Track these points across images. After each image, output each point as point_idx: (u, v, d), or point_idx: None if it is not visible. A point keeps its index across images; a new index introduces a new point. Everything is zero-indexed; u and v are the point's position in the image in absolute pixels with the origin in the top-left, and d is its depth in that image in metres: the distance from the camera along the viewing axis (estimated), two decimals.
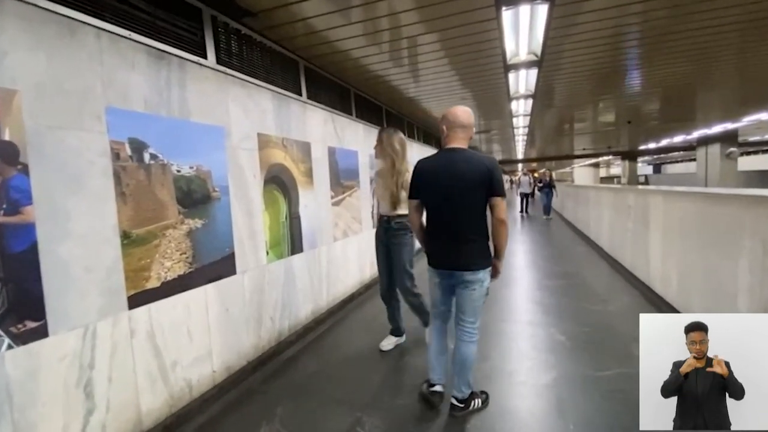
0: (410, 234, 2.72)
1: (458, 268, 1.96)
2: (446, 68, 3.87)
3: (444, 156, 1.97)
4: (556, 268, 5.18)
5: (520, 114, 6.45)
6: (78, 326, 1.63)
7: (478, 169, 1.88)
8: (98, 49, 1.74)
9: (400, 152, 2.68)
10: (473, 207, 1.91)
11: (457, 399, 2.07)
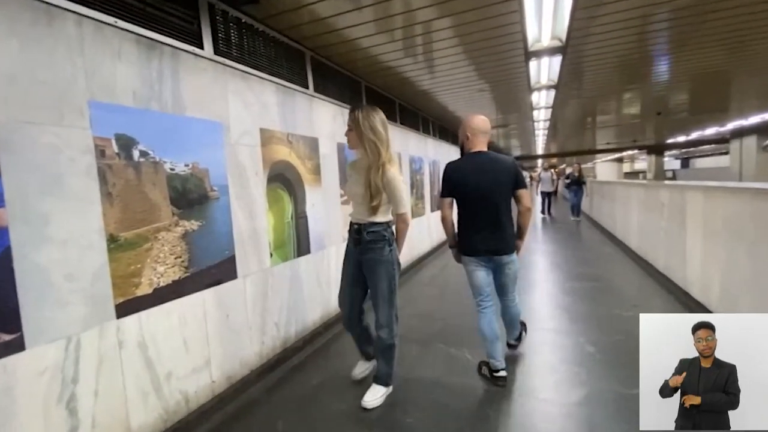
0: (391, 248, 2.09)
1: (498, 253, 2.30)
2: (462, 57, 3.63)
3: (475, 158, 2.30)
4: (581, 270, 4.88)
5: (541, 106, 6.13)
6: (59, 338, 1.50)
7: (505, 168, 2.27)
8: (79, 37, 1.60)
9: (384, 137, 2.01)
10: (506, 200, 2.30)
11: (514, 340, 2.71)
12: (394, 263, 2.12)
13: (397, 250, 2.14)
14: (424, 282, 4.85)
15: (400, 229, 2.15)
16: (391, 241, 2.10)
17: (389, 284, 2.10)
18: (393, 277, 2.11)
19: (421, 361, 2.67)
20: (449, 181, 2.35)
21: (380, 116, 2.06)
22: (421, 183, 6.06)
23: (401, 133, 5.25)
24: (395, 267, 2.13)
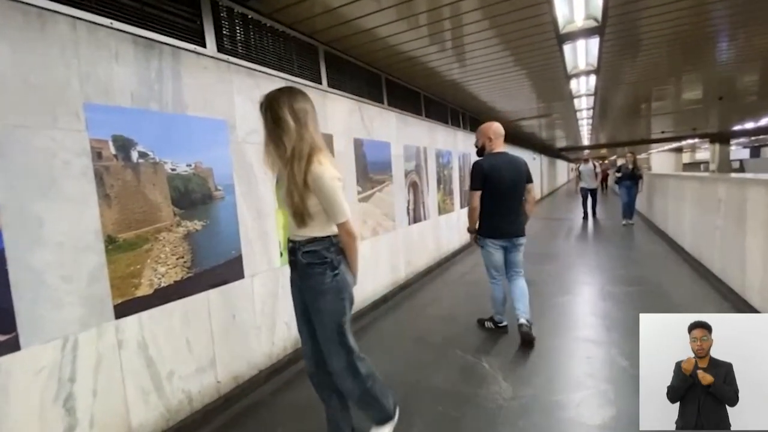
0: (336, 273, 1.53)
1: (515, 235, 2.80)
2: (492, 43, 3.36)
3: (501, 157, 2.79)
4: (624, 272, 4.47)
5: (581, 94, 5.67)
6: (55, 338, 1.53)
7: (521, 166, 2.81)
8: (74, 40, 1.61)
9: (290, 126, 1.44)
10: (521, 192, 2.80)
11: (527, 320, 2.76)
12: (341, 292, 1.54)
13: (346, 275, 1.57)
14: (451, 280, 4.67)
15: (346, 245, 1.54)
16: (336, 264, 1.53)
17: (335, 321, 1.55)
18: (340, 312, 1.55)
19: (436, 368, 2.52)
20: (483, 175, 2.74)
21: (290, 101, 1.47)
22: (449, 178, 5.84)
23: (428, 127, 5.07)
24: (343, 298, 1.55)
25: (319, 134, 1.53)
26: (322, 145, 1.52)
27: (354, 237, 1.54)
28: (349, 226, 1.52)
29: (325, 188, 1.44)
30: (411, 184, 4.53)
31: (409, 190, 4.49)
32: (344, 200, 1.47)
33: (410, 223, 4.52)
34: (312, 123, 1.50)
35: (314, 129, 1.51)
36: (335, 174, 1.47)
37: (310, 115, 1.50)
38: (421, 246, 4.85)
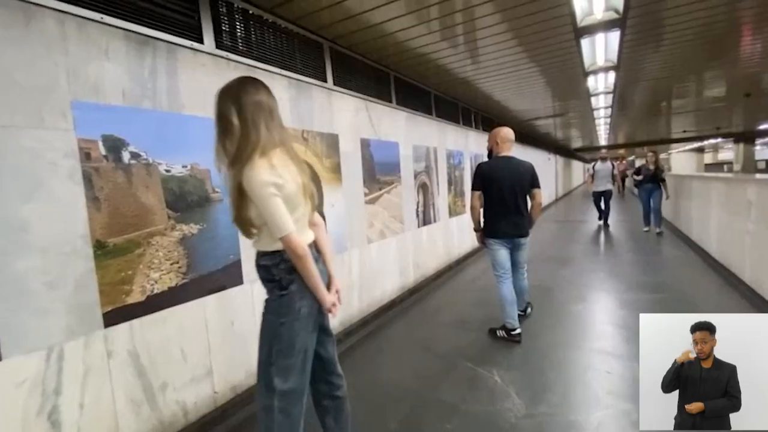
0: (283, 294, 1.33)
1: (519, 236, 2.89)
2: (505, 38, 3.20)
3: (503, 161, 2.89)
4: (644, 278, 4.25)
5: (599, 92, 5.46)
6: (39, 348, 1.45)
7: (526, 170, 2.87)
8: (61, 36, 1.53)
9: (233, 124, 1.27)
10: (525, 194, 2.87)
11: (520, 309, 3.09)
12: (280, 316, 1.32)
13: (297, 300, 1.32)
14: (462, 286, 4.52)
15: (294, 264, 1.31)
16: (285, 284, 1.32)
17: (265, 349, 1.35)
18: (273, 339, 1.33)
19: (444, 380, 2.39)
20: (482, 177, 2.89)
21: (238, 94, 1.29)
22: (461, 179, 5.68)
23: (438, 127, 4.93)
24: (282, 323, 1.32)
25: (277, 130, 1.32)
26: (277, 144, 1.30)
27: (300, 255, 1.28)
28: (290, 243, 1.25)
29: (255, 196, 1.23)
30: (420, 185, 4.40)
31: (419, 191, 4.36)
32: (280, 211, 1.23)
33: (419, 225, 4.39)
34: (265, 119, 1.29)
35: (269, 125, 1.30)
36: (267, 179, 1.21)
37: (263, 109, 1.29)
38: (431, 249, 4.71)
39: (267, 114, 1.31)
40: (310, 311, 1.36)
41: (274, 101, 1.36)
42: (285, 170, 1.28)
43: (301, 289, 1.34)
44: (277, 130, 1.33)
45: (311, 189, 1.40)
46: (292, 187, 1.28)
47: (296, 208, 1.32)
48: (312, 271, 1.32)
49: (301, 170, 1.36)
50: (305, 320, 1.35)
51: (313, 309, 1.37)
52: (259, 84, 1.35)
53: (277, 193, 1.23)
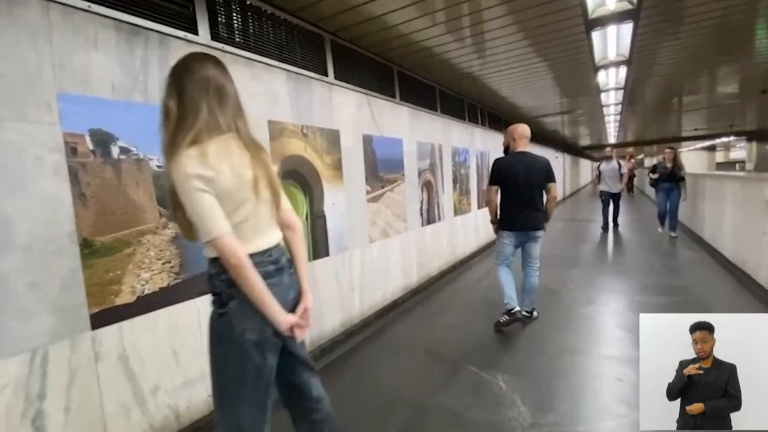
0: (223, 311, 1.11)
1: (531, 229, 2.97)
2: (512, 30, 3.09)
3: (521, 156, 2.98)
4: (655, 280, 4.13)
5: (610, 87, 5.31)
6: (22, 351, 1.39)
7: (540, 166, 2.97)
8: (46, 25, 1.47)
9: (193, 100, 1.08)
10: (539, 189, 2.96)
11: (526, 311, 3.10)
12: (221, 340, 1.13)
13: (240, 320, 1.10)
14: (466, 286, 4.42)
15: (231, 274, 1.07)
16: (226, 299, 1.10)
17: (215, 379, 1.16)
18: (219, 369, 1.15)
19: (446, 386, 2.30)
20: (499, 172, 3.00)
21: (180, 74, 1.10)
22: (466, 177, 5.58)
23: (443, 123, 4.82)
24: (223, 350, 1.13)
25: (227, 114, 1.11)
26: (223, 129, 1.09)
27: (232, 264, 1.04)
28: (220, 249, 1.03)
29: (178, 191, 1.03)
30: (425, 183, 4.31)
31: (423, 189, 4.27)
32: (206, 209, 1.02)
33: (423, 224, 4.30)
34: (208, 100, 1.08)
35: (213, 108, 1.08)
36: (191, 171, 1.00)
37: (208, 88, 1.09)
38: (435, 248, 4.62)
39: (213, 94, 1.09)
40: (260, 335, 1.11)
41: (226, 79, 1.14)
42: (223, 160, 1.06)
43: (244, 307, 1.09)
44: (228, 114, 1.12)
45: (271, 184, 1.16)
46: (230, 182, 1.06)
47: (240, 207, 1.09)
48: (253, 284, 1.06)
49: (255, 162, 1.12)
50: (252, 347, 1.11)
51: (264, 332, 1.12)
52: (208, 59, 1.14)
53: (203, 188, 1.02)
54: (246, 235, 1.11)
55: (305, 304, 1.25)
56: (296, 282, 1.26)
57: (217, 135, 1.09)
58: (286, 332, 1.15)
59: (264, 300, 1.09)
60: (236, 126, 1.13)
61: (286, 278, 1.20)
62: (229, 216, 1.06)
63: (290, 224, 1.29)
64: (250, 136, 1.17)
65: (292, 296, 1.23)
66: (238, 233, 1.08)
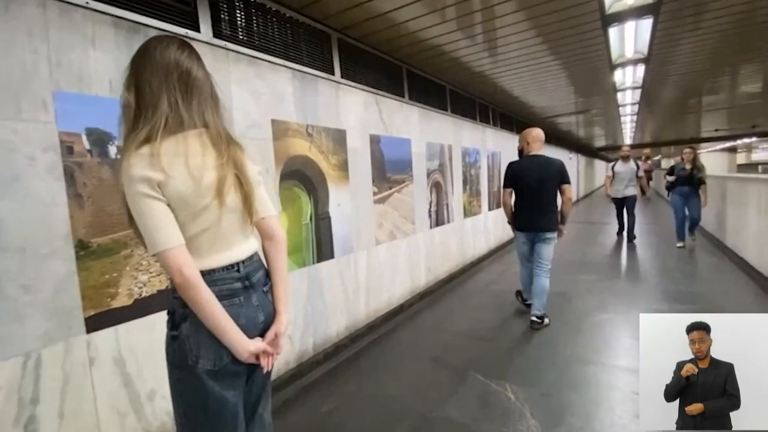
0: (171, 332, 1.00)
1: (542, 229, 3.06)
2: (525, 27, 2.98)
3: (534, 159, 3.09)
4: (674, 287, 3.97)
5: (626, 86, 5.15)
6: (14, 354, 1.36)
7: (554, 168, 3.04)
8: (43, 22, 1.43)
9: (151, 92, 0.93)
10: (552, 191, 3.04)
11: (536, 316, 3.05)
12: (174, 368, 1.01)
13: (191, 340, 0.96)
14: (476, 289, 4.32)
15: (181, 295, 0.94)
16: (178, 320, 0.98)
17: (176, 401, 1.03)
18: (176, 397, 1.03)
19: (452, 395, 2.22)
20: (512, 175, 3.14)
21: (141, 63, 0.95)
22: (477, 178, 5.47)
23: (453, 123, 4.73)
24: (179, 379, 1.00)
25: (194, 106, 0.97)
26: (187, 125, 0.95)
27: (178, 283, 0.91)
28: (166, 264, 0.91)
29: (130, 203, 0.90)
30: (434, 184, 4.22)
31: (432, 190, 4.18)
32: (151, 218, 0.89)
33: (432, 226, 4.21)
34: (169, 89, 0.93)
35: (176, 99, 0.94)
36: (137, 173, 0.87)
37: (169, 75, 0.94)
38: (444, 251, 4.52)
39: (177, 83, 0.94)
40: (216, 364, 0.97)
41: (193, 64, 0.98)
42: (179, 161, 0.91)
43: (198, 330, 0.96)
44: (194, 106, 0.97)
45: (242, 188, 1.01)
46: (185, 186, 0.91)
47: (198, 216, 0.94)
48: (204, 307, 0.93)
49: (222, 162, 0.96)
50: (207, 377, 0.97)
51: (221, 360, 0.98)
52: (172, 42, 0.98)
53: (150, 193, 0.88)
54: (205, 248, 0.98)
55: (276, 328, 1.08)
56: (270, 302, 1.11)
57: (176, 131, 0.93)
58: (249, 360, 1.01)
59: (219, 325, 0.95)
60: (204, 120, 0.98)
61: (256, 298, 1.06)
62: (183, 226, 0.93)
63: (270, 233, 1.13)
64: (223, 130, 1.02)
65: (262, 319, 1.07)
66: (195, 246, 0.96)
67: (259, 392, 1.16)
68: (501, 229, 6.46)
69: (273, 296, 1.13)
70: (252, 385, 1.13)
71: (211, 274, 0.98)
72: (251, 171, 1.08)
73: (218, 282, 0.99)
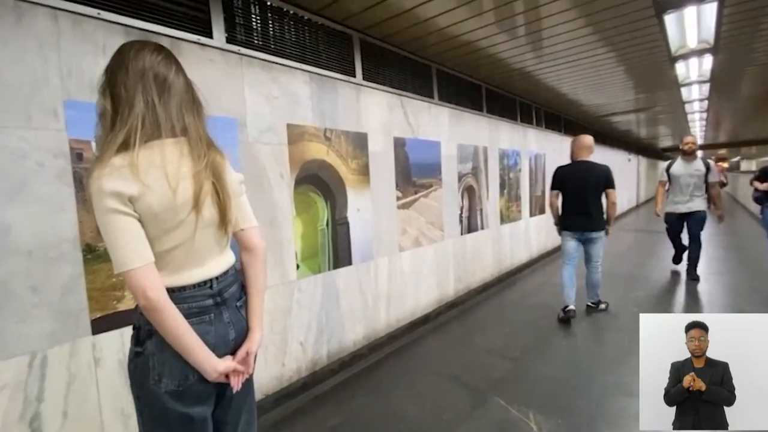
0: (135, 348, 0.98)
1: (588, 230, 3.29)
2: (571, 16, 2.69)
3: (578, 165, 3.33)
4: (751, 309, 3.44)
5: (692, 80, 4.58)
6: (21, 353, 1.42)
7: (600, 173, 3.26)
8: (54, 33, 1.49)
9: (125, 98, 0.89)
10: (595, 195, 3.27)
11: (592, 302, 3.52)
12: (141, 386, 0.95)
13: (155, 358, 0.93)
14: (511, 302, 4.05)
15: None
16: (143, 337, 0.95)
17: (140, 417, 1.00)
18: (140, 416, 0.99)
19: (466, 419, 2.05)
20: (558, 179, 3.40)
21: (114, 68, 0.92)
22: (517, 182, 5.15)
23: (489, 124, 4.48)
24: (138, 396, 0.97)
25: (169, 110, 0.92)
26: (164, 131, 0.90)
27: (144, 306, 0.87)
28: (130, 284, 0.86)
29: (93, 208, 0.85)
30: (466, 188, 4.02)
31: (463, 195, 3.98)
32: (119, 235, 0.84)
33: (463, 232, 4.01)
34: (147, 94, 0.89)
35: (155, 104, 0.89)
36: (107, 186, 0.82)
37: (145, 80, 0.89)
38: (477, 259, 4.29)
39: (152, 83, 0.90)
40: (181, 383, 0.93)
41: (169, 68, 0.94)
42: (154, 171, 0.87)
43: (163, 348, 0.91)
44: (172, 109, 0.92)
45: (220, 200, 0.96)
46: (159, 200, 0.87)
47: (171, 231, 0.90)
48: (169, 330, 0.88)
49: (200, 171, 0.91)
50: (170, 398, 0.93)
51: (186, 379, 0.93)
52: (147, 46, 0.94)
53: (120, 208, 0.83)
54: (178, 263, 0.94)
55: (248, 345, 1.03)
56: (243, 318, 1.06)
57: (153, 138, 0.89)
58: (218, 379, 0.96)
59: (185, 347, 0.90)
60: (184, 123, 0.93)
61: (228, 314, 1.02)
62: (155, 240, 0.89)
63: (250, 245, 1.09)
64: (203, 134, 0.97)
65: (233, 336, 1.02)
66: (167, 261, 0.92)
67: (239, 408, 1.11)
68: (545, 237, 6.05)
69: (247, 311, 1.09)
70: (231, 401, 1.07)
71: (181, 291, 0.95)
72: (231, 180, 1.04)
73: (188, 299, 0.95)
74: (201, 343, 0.93)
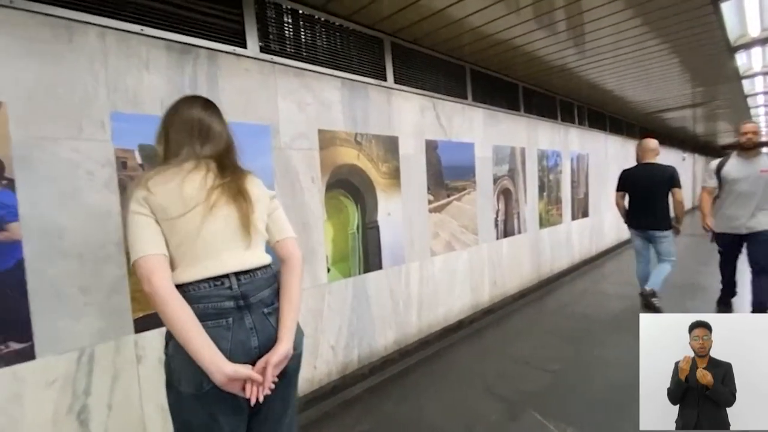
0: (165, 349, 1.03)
1: (651, 228, 3.47)
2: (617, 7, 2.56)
3: (644, 167, 3.51)
4: None
5: (756, 72, 4.18)
6: (71, 349, 1.52)
7: (664, 174, 3.40)
8: (102, 50, 1.59)
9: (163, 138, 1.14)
10: (659, 196, 3.40)
11: (647, 289, 3.45)
12: (168, 388, 1.01)
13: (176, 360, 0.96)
14: (550, 310, 3.87)
15: None
16: (167, 339, 1.01)
17: (173, 418, 1.04)
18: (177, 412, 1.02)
19: None
20: (623, 180, 3.64)
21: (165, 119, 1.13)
22: (557, 184, 4.92)
23: (527, 124, 4.32)
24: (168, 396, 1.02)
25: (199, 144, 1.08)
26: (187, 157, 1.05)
27: (148, 293, 0.91)
28: (136, 271, 0.93)
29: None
30: (502, 191, 3.89)
31: (499, 198, 3.86)
32: (134, 229, 0.96)
33: (499, 237, 3.88)
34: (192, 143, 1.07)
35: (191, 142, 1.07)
36: (134, 193, 0.98)
37: (174, 125, 1.09)
38: (514, 265, 4.14)
39: (197, 136, 1.09)
40: (197, 388, 0.93)
41: (213, 119, 1.14)
42: (167, 179, 0.99)
43: (179, 350, 0.92)
44: (199, 143, 1.08)
45: (242, 201, 1.04)
46: (163, 200, 0.97)
47: (178, 230, 0.97)
48: (173, 321, 0.90)
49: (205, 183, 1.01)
50: (192, 401, 0.94)
51: (201, 385, 0.93)
52: (197, 101, 1.15)
53: (138, 209, 0.96)
54: (190, 256, 0.99)
55: (269, 356, 0.98)
56: (271, 326, 1.03)
57: (181, 164, 1.04)
58: (228, 387, 0.92)
59: (191, 344, 0.89)
60: (211, 153, 1.09)
61: (251, 320, 1.00)
62: (168, 236, 0.98)
63: (285, 255, 1.13)
64: (230, 162, 1.12)
65: (256, 344, 0.99)
66: (180, 257, 0.99)
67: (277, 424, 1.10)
68: (588, 241, 5.75)
69: (279, 320, 1.06)
70: (268, 414, 1.07)
71: (196, 289, 0.96)
72: (253, 187, 1.11)
73: (203, 299, 0.96)
74: (209, 341, 0.91)
